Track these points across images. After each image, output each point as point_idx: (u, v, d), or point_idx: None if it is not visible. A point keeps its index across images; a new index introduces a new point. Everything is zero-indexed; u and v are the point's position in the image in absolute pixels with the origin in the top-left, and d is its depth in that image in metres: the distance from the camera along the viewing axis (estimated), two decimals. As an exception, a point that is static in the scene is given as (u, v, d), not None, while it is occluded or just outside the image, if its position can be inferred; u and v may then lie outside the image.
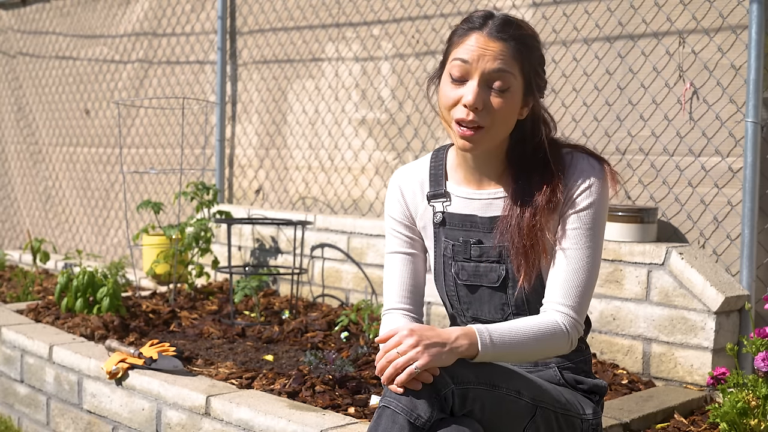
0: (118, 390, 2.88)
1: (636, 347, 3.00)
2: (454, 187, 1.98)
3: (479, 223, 1.94)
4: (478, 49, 1.81)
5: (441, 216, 1.98)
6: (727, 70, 3.01)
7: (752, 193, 2.90)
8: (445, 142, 3.91)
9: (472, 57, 1.81)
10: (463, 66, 1.81)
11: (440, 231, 1.99)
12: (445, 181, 2.00)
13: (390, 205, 2.07)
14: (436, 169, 2.02)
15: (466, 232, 1.95)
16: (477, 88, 1.80)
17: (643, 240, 3.04)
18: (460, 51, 1.83)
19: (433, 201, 2.00)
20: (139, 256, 5.12)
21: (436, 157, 2.04)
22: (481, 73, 1.80)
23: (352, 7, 4.28)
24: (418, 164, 2.06)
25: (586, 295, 1.85)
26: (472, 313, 1.99)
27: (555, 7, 3.49)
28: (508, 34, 1.81)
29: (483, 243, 1.93)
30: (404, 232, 2.05)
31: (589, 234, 1.86)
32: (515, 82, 1.82)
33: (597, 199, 1.86)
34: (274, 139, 4.68)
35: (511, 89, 1.82)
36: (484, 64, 1.80)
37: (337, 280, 4.00)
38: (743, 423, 2.17)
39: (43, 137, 6.29)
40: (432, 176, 2.02)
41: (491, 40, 1.81)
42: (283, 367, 2.97)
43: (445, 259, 1.98)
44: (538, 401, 1.82)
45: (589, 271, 1.85)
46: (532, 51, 1.85)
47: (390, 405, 1.69)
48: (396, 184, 2.06)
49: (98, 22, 5.81)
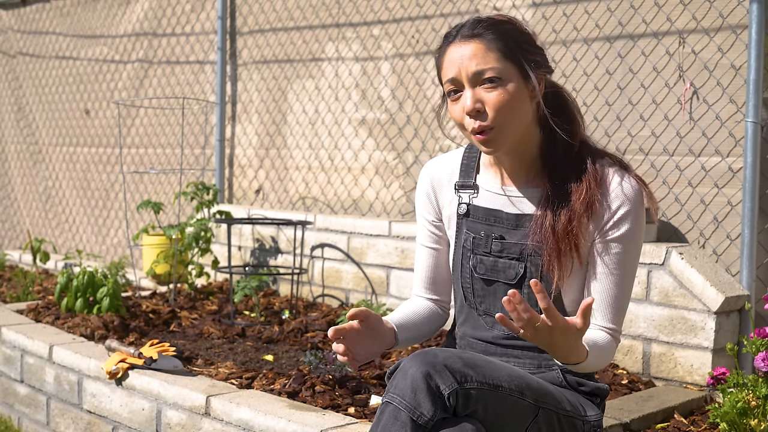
0: (118, 390, 2.88)
1: (636, 347, 3.00)
2: (483, 181, 2.00)
3: (504, 219, 1.94)
4: (455, 60, 1.83)
5: (466, 207, 1.99)
6: (727, 70, 3.01)
7: (752, 193, 2.90)
8: (447, 142, 3.93)
9: (455, 70, 1.83)
10: (451, 82, 1.85)
11: (463, 222, 2.00)
12: (476, 174, 2.01)
13: (419, 197, 2.10)
14: (469, 159, 2.03)
15: (488, 227, 1.96)
16: (469, 92, 1.82)
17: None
18: (445, 71, 1.86)
19: (461, 191, 2.01)
20: (139, 256, 5.12)
21: (470, 149, 2.05)
22: (466, 79, 1.82)
23: (352, 7, 4.28)
24: (451, 155, 2.08)
25: (624, 314, 1.95)
26: (485, 307, 1.99)
27: (555, 7, 3.49)
28: (477, 30, 1.83)
29: (505, 239, 1.93)
30: (429, 227, 2.09)
31: (628, 257, 1.90)
32: (503, 69, 1.81)
33: (634, 221, 1.88)
34: (274, 139, 4.68)
35: (502, 78, 1.81)
36: (464, 69, 1.82)
37: (337, 280, 4.00)
38: (743, 423, 2.17)
39: (43, 137, 6.30)
40: (464, 166, 2.03)
41: (463, 44, 1.83)
42: (283, 367, 2.97)
43: (465, 251, 1.99)
44: (540, 402, 1.82)
45: (627, 291, 1.93)
46: (507, 33, 1.84)
47: (393, 401, 1.69)
48: (427, 175, 2.08)
49: (98, 22, 5.81)
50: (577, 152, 1.90)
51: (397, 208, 4.06)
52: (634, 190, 1.88)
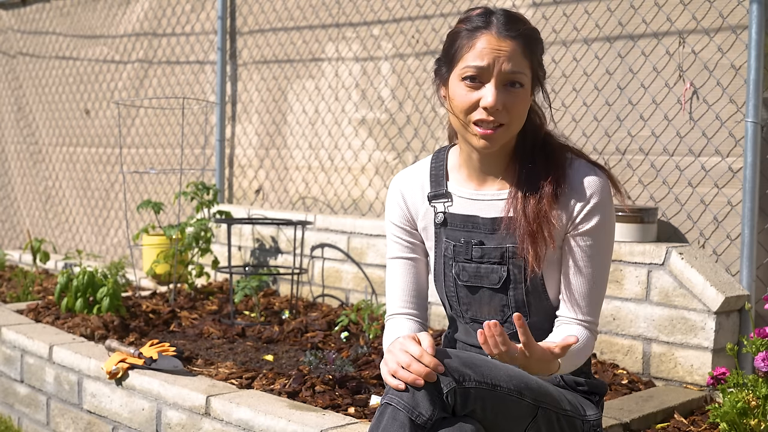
0: (118, 390, 2.88)
1: (636, 347, 3.00)
2: (455, 187, 1.99)
3: (481, 224, 1.94)
4: (491, 51, 1.80)
5: (442, 216, 1.98)
6: (727, 70, 3.01)
7: (752, 193, 2.90)
8: (445, 143, 3.92)
9: (487, 61, 1.80)
10: (476, 69, 1.81)
11: (441, 231, 1.99)
12: (446, 182, 2.00)
13: (390, 210, 2.07)
14: (437, 169, 2.02)
15: (467, 233, 1.95)
16: (495, 90, 1.80)
17: (643, 240, 3.04)
18: (472, 55, 1.82)
19: (434, 201, 2.00)
20: (139, 256, 5.12)
21: (436, 158, 2.04)
22: (497, 75, 1.81)
23: (352, 7, 4.28)
24: (418, 166, 2.06)
25: (600, 306, 1.95)
26: (472, 314, 1.99)
27: (555, 7, 3.49)
28: (517, 32, 1.82)
29: (485, 244, 1.93)
30: (405, 237, 2.05)
31: (601, 250, 1.90)
32: (526, 78, 1.84)
33: (604, 213, 1.89)
34: (274, 139, 4.68)
35: (524, 86, 1.84)
36: (500, 65, 1.80)
37: (337, 280, 4.00)
38: (743, 423, 2.17)
39: (43, 137, 6.30)
40: (433, 177, 2.02)
41: (502, 40, 1.81)
42: (283, 367, 2.97)
43: (446, 259, 1.98)
44: (539, 402, 1.82)
45: (603, 283, 1.93)
46: (538, 44, 1.88)
47: (392, 402, 1.69)
48: (396, 188, 2.06)
49: (98, 22, 5.81)
50: (542, 142, 1.93)
51: (397, 208, 4.06)
52: (601, 183, 1.89)
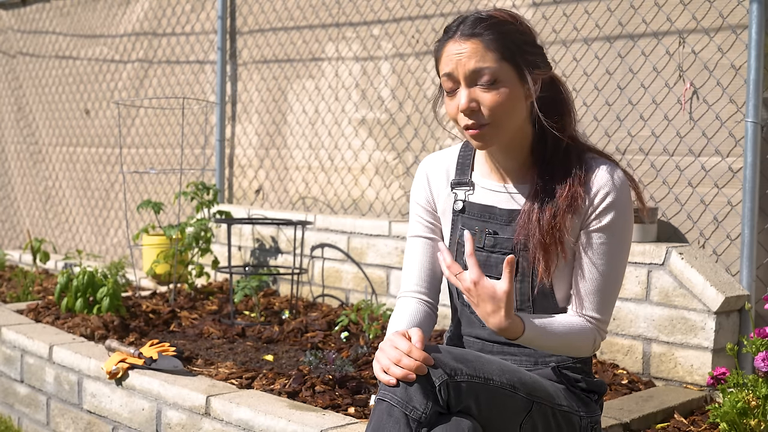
0: (118, 390, 2.88)
1: (636, 347, 3.00)
2: (479, 178, 2.00)
3: (497, 215, 1.95)
4: (453, 56, 1.83)
5: (462, 204, 2.00)
6: (727, 70, 3.01)
7: (752, 193, 2.90)
8: (446, 142, 3.93)
9: (452, 67, 1.83)
10: (448, 78, 1.84)
11: (458, 219, 2.00)
12: (471, 171, 2.02)
13: (415, 189, 2.09)
14: (465, 158, 2.04)
15: (483, 223, 1.96)
16: (464, 91, 1.82)
17: (643, 240, 3.04)
18: (443, 65, 1.86)
19: (456, 188, 2.02)
20: (139, 256, 5.12)
21: (466, 147, 2.06)
22: (463, 77, 1.82)
23: (352, 7, 4.28)
24: (447, 152, 2.08)
25: (610, 306, 1.93)
26: None
27: (555, 7, 3.49)
28: (478, 29, 1.83)
29: (498, 234, 1.94)
30: (426, 217, 2.07)
31: (617, 248, 1.90)
32: (500, 70, 1.81)
33: (619, 211, 1.88)
34: (274, 139, 4.68)
35: (498, 80, 1.81)
36: (462, 67, 1.82)
37: (337, 280, 4.00)
38: (743, 423, 2.17)
39: (43, 137, 6.29)
40: (459, 164, 2.04)
41: (462, 42, 1.83)
42: (283, 367, 2.97)
43: (459, 247, 2.00)
44: (533, 396, 1.82)
45: (614, 283, 1.91)
46: (507, 33, 1.84)
47: (385, 398, 1.70)
48: (423, 170, 2.08)
49: (98, 22, 5.81)
50: (566, 148, 1.91)
51: (397, 208, 4.06)
52: (619, 181, 1.88)
